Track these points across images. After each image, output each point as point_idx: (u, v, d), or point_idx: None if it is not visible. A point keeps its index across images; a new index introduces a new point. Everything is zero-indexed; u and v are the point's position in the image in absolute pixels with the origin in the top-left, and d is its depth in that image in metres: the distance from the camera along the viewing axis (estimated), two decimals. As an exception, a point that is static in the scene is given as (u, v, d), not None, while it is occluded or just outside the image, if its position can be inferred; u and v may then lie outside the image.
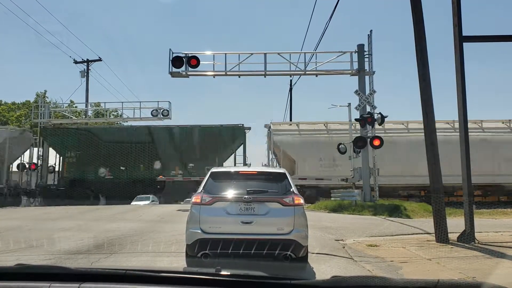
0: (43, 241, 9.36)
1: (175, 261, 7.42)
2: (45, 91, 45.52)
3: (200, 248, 6.58)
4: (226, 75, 22.38)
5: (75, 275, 2.17)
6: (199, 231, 6.65)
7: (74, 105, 38.34)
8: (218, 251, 6.49)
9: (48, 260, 7.23)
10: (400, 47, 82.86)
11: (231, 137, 31.39)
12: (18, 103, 46.02)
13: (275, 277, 2.13)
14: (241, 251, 6.34)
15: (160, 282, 2.13)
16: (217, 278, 2.17)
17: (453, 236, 9.59)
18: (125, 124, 36.61)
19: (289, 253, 6.55)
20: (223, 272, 2.24)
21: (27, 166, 31.72)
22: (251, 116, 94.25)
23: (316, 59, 22.38)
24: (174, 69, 21.21)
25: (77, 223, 13.60)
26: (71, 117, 35.83)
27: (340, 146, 24.40)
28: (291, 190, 7.07)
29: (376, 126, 21.00)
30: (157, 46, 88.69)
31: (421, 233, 11.43)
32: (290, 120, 36.78)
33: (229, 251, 6.40)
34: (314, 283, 2.11)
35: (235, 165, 28.92)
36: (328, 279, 2.04)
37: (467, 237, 9.41)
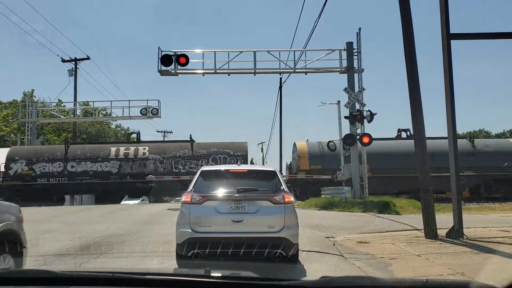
0: (30, 242, 9.22)
1: (165, 261, 7.37)
2: (33, 90, 44.99)
3: (190, 248, 6.54)
4: (215, 73, 22.29)
5: (62, 279, 2.13)
6: (189, 230, 6.62)
7: (62, 104, 37.85)
8: (209, 250, 6.46)
9: (35, 262, 7.14)
10: (389, 46, 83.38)
11: None
12: (5, 103, 45.37)
13: (264, 278, 2.12)
14: (231, 250, 6.32)
15: (149, 285, 2.10)
16: (206, 280, 2.15)
17: (442, 232, 9.67)
18: (114, 123, 36.32)
19: (279, 251, 6.54)
20: (213, 274, 2.22)
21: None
22: (242, 115, 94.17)
23: (305, 57, 22.44)
24: (163, 67, 21.04)
25: (65, 223, 13.46)
26: (59, 116, 35.44)
27: (330, 144, 24.48)
28: (282, 188, 7.07)
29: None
30: (146, 45, 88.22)
31: (411, 230, 11.51)
32: (280, 117, 36.84)
33: (220, 250, 6.38)
34: (303, 284, 2.10)
35: None
36: (318, 280, 2.04)
37: (455, 233, 9.50)
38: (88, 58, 37.31)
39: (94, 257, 7.73)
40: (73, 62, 36.59)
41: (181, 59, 20.69)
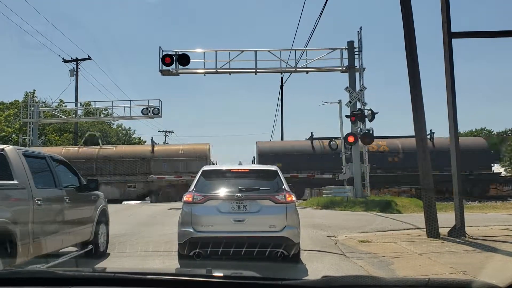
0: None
1: (167, 261, 7.37)
2: (34, 90, 44.90)
3: (192, 247, 6.55)
4: (216, 72, 22.28)
5: (63, 279, 2.13)
6: (191, 230, 6.62)
7: (63, 105, 37.83)
8: (210, 249, 6.47)
9: (37, 262, 7.14)
10: (390, 45, 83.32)
11: None
12: (7, 103, 45.40)
13: (266, 277, 2.11)
14: (233, 250, 6.33)
15: (150, 285, 2.10)
16: (208, 279, 2.15)
17: (443, 231, 9.65)
18: (116, 123, 36.31)
19: (281, 250, 6.55)
20: (214, 273, 2.22)
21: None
22: (243, 114, 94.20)
23: (306, 56, 22.39)
24: (164, 67, 21.03)
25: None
26: (61, 117, 35.45)
27: (331, 143, 24.46)
28: (283, 187, 7.07)
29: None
30: (147, 45, 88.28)
31: (412, 228, 11.50)
32: (282, 117, 36.83)
33: (221, 249, 6.39)
34: (305, 283, 2.10)
35: None
36: (319, 279, 2.03)
37: (457, 232, 9.48)
38: (89, 58, 37.32)
39: (95, 258, 7.73)
40: (74, 62, 36.61)
41: (182, 59, 20.69)
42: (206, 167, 7.60)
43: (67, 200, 6.67)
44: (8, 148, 5.92)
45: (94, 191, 7.88)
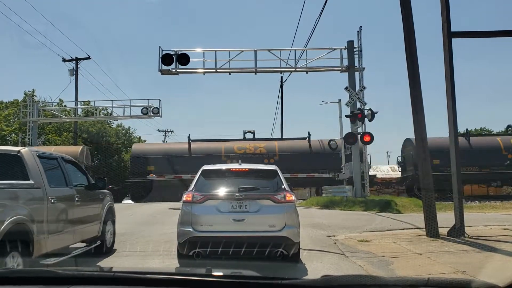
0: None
1: (166, 260, 7.38)
2: (34, 90, 44.82)
3: (192, 247, 6.55)
4: (216, 72, 22.27)
5: (63, 278, 2.13)
6: (191, 229, 6.62)
7: (63, 104, 37.78)
8: (210, 249, 6.47)
9: (37, 261, 7.14)
10: (391, 44, 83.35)
11: None
12: (6, 102, 45.35)
13: (266, 277, 2.11)
14: (233, 249, 6.33)
15: (150, 284, 2.10)
16: (207, 279, 2.15)
17: (443, 231, 9.66)
18: (115, 122, 36.24)
19: (281, 250, 6.55)
20: (214, 273, 2.22)
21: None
22: (243, 114, 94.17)
23: (306, 55, 22.40)
24: (164, 67, 21.01)
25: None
26: (60, 116, 35.41)
27: (331, 143, 24.47)
28: (283, 187, 7.07)
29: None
30: (147, 44, 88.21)
31: (412, 228, 11.50)
32: (281, 116, 36.83)
33: (221, 249, 6.39)
34: (304, 283, 2.10)
35: None
36: (319, 279, 2.03)
37: (457, 232, 9.49)
38: (89, 58, 37.29)
39: (95, 257, 7.73)
40: (74, 62, 36.58)
41: (182, 58, 20.66)
42: (205, 167, 7.59)
43: (77, 199, 7.08)
44: (24, 150, 6.19)
45: (101, 190, 8.26)
